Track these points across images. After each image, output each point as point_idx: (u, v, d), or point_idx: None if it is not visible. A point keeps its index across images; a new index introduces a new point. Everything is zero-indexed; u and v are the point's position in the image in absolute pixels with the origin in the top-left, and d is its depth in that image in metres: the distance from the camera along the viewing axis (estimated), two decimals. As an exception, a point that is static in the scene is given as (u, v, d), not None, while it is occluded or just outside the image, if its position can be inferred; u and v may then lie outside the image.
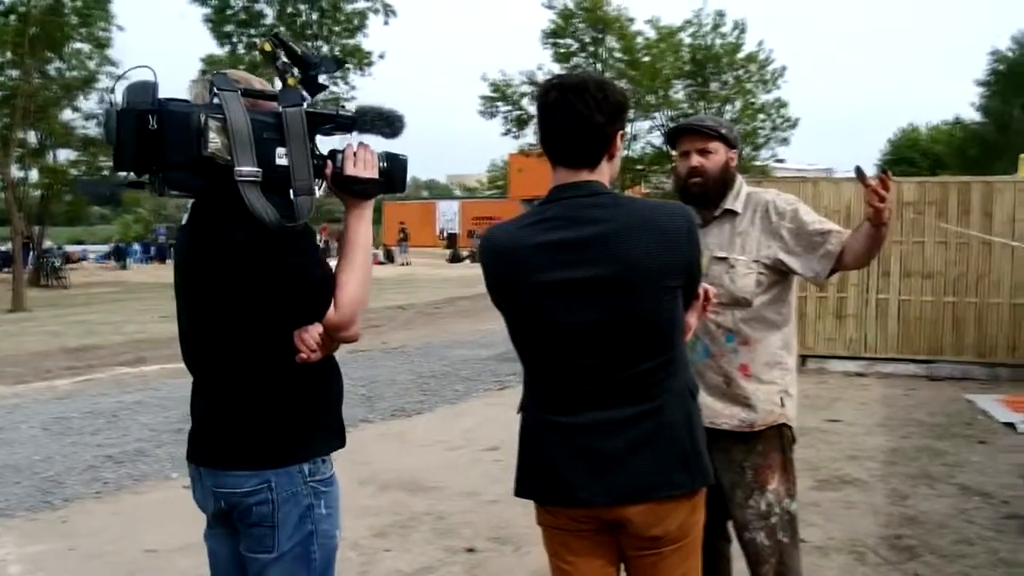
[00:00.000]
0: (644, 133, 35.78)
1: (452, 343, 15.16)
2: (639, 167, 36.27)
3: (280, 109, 2.44)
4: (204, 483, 2.58)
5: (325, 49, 31.47)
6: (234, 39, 32.27)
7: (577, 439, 2.46)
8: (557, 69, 35.69)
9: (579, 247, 2.40)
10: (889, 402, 9.79)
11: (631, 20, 34.94)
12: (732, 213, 3.40)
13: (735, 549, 3.61)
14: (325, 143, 2.62)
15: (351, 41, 32.66)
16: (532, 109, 34.50)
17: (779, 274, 3.39)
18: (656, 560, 2.52)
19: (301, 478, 2.52)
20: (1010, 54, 33.66)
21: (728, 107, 34.52)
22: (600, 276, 2.39)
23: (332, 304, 2.51)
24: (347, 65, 31.31)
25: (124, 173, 2.41)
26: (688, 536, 2.55)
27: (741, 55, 33.93)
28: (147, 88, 2.38)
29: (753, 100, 34.48)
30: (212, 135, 2.34)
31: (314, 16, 31.91)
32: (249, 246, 2.40)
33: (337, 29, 32.53)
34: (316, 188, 2.51)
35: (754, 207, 3.41)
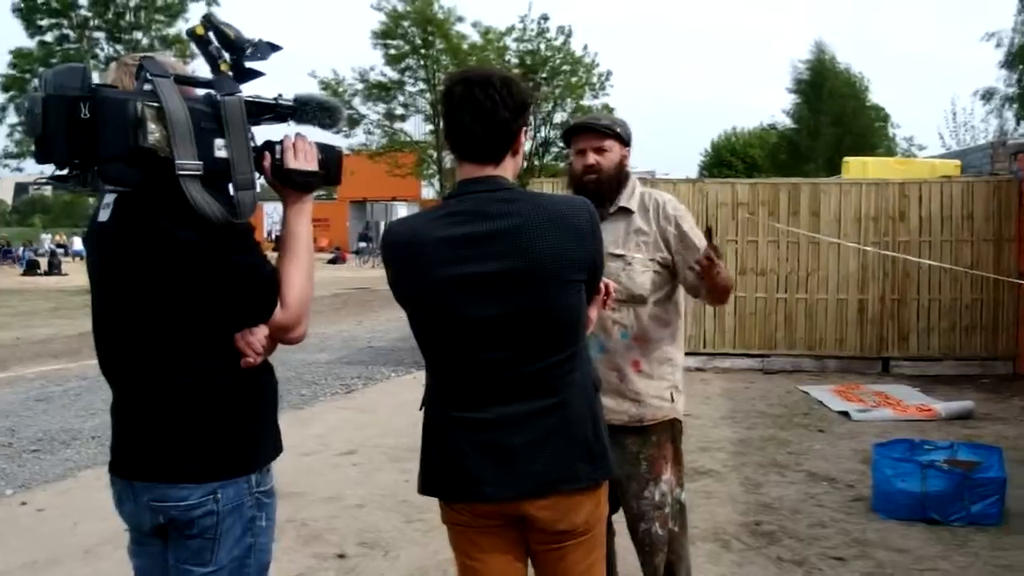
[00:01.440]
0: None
1: (289, 348, 14.75)
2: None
3: (216, 97, 2.28)
4: (139, 498, 2.38)
5: (145, 40, 30.13)
6: (44, 30, 30.43)
7: (482, 434, 2.42)
8: (389, 71, 35.48)
9: (484, 241, 2.36)
10: (731, 395, 10.14)
11: (460, 19, 35.09)
12: (626, 211, 3.43)
13: (620, 544, 3.64)
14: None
15: (172, 30, 31.30)
16: (363, 109, 34.17)
17: (670, 273, 3.45)
18: (563, 554, 2.50)
19: (247, 488, 2.40)
20: (811, 62, 35.45)
21: (558, 110, 35.07)
22: (505, 270, 2.35)
23: (279, 303, 2.38)
24: (280, 49, 30.33)
25: (48, 166, 2.20)
26: (593, 529, 2.54)
27: (559, 58, 34.40)
28: (76, 73, 2.17)
29: (582, 103, 35.11)
30: (151, 125, 2.15)
31: (131, 2, 30.32)
32: (192, 245, 2.24)
33: (159, 18, 31.09)
34: (256, 182, 2.36)
35: (648, 206, 3.45)
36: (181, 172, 2.18)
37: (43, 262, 40.00)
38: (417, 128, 37.97)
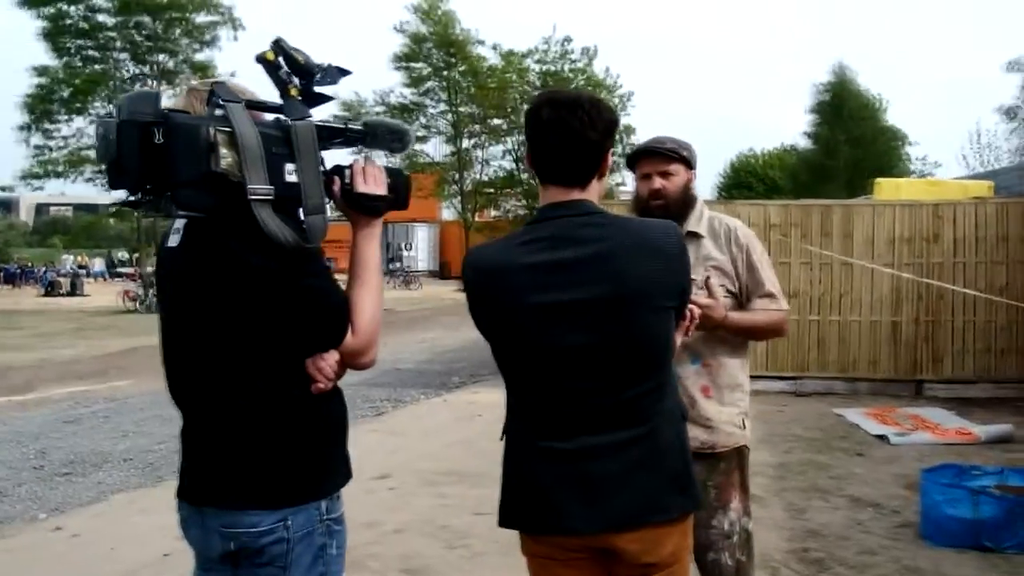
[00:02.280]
0: (495, 157, 36.07)
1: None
2: (489, 191, 36.45)
3: (286, 122, 2.26)
4: (207, 524, 2.34)
5: (171, 63, 30.38)
6: (71, 51, 30.73)
7: (568, 465, 2.34)
8: (408, 93, 35.65)
9: (573, 268, 2.30)
10: (765, 418, 10.01)
11: (481, 42, 35.31)
12: (695, 235, 3.35)
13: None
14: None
15: (200, 56, 31.63)
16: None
17: (738, 301, 3.37)
18: None
19: (318, 516, 2.35)
20: (831, 84, 35.40)
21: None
22: (595, 297, 2.29)
23: (350, 329, 2.35)
24: (350, 73, 30.87)
25: (122, 191, 2.18)
26: (679, 561, 2.46)
27: (582, 79, 34.47)
28: (149, 98, 2.16)
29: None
30: (223, 150, 2.13)
31: (159, 27, 30.62)
32: (264, 270, 2.21)
33: (186, 41, 31.40)
34: (328, 207, 2.33)
35: (719, 232, 3.38)
36: (253, 197, 2.16)
37: (65, 283, 40.24)
38: (437, 150, 38.13)
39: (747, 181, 45.05)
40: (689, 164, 3.34)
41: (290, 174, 2.24)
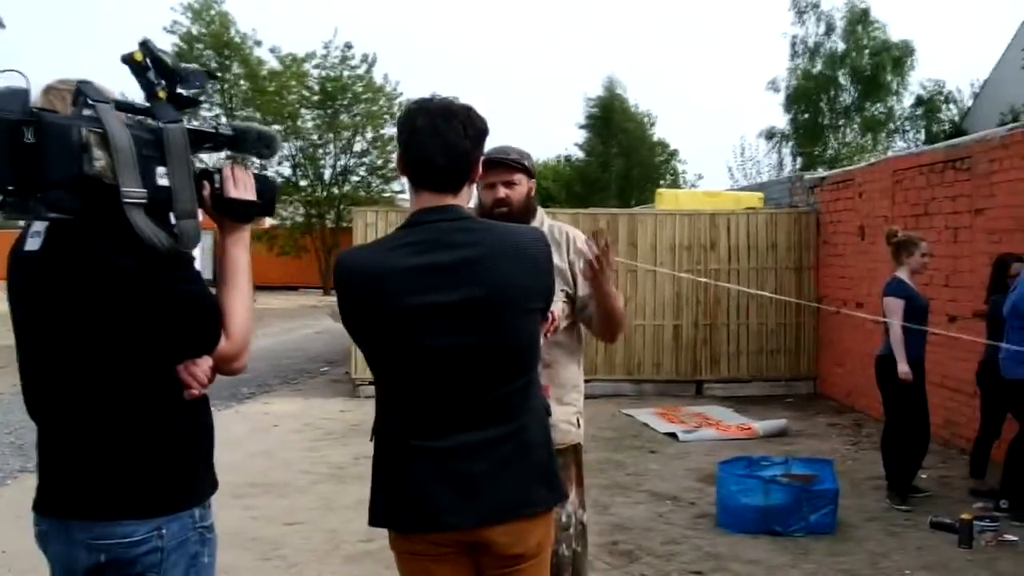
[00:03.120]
0: (271, 163, 35.25)
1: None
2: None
3: (156, 124, 2.20)
4: (73, 536, 2.23)
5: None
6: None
7: (443, 463, 2.40)
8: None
9: (448, 271, 2.36)
10: (561, 420, 10.33)
11: (258, 43, 34.47)
12: None
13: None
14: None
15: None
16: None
17: (573, 304, 3.51)
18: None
19: (191, 523, 2.30)
20: (602, 96, 36.87)
21: (358, 137, 34.91)
22: (468, 299, 2.35)
23: (223, 334, 2.31)
24: (217, 78, 28.62)
25: None
26: (544, 552, 2.57)
27: (361, 86, 34.26)
28: (18, 96, 2.04)
29: (383, 132, 35.05)
30: (96, 151, 2.05)
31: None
32: (135, 274, 2.15)
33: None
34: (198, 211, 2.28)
35: (559, 240, 3.48)
36: (127, 200, 2.09)
37: None
38: (211, 155, 36.81)
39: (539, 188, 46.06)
40: (530, 174, 3.46)
41: (161, 177, 2.18)
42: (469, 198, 2.53)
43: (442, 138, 2.39)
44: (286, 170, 34.31)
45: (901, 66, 30.63)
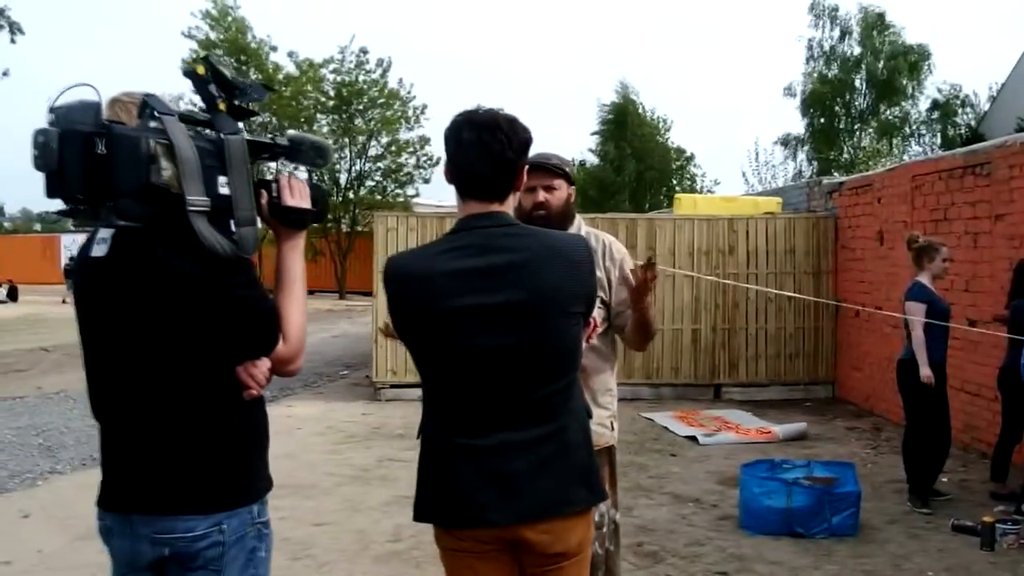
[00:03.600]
0: (289, 168, 35.43)
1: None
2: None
3: (217, 135, 2.31)
4: (137, 531, 2.34)
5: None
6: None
7: (485, 461, 2.49)
8: (199, 100, 34.51)
9: (493, 274, 2.45)
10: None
11: (274, 48, 34.71)
12: None
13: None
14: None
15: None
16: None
17: (609, 310, 3.59)
18: (556, 574, 2.59)
19: (250, 519, 2.41)
20: (616, 102, 36.90)
21: (373, 142, 35.07)
22: (512, 302, 2.45)
23: (280, 337, 2.42)
24: (274, 91, 29.32)
25: (58, 200, 2.18)
26: (585, 551, 2.65)
27: (376, 90, 34.42)
28: (89, 108, 2.17)
29: (398, 137, 35.24)
30: (163, 162, 2.17)
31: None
32: (199, 280, 2.27)
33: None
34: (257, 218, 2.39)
35: (595, 246, 3.56)
36: (191, 208, 2.21)
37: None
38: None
39: (538, 196, 46.08)
40: (570, 180, 3.55)
41: (222, 186, 2.29)
42: (514, 205, 2.61)
43: (488, 149, 2.49)
44: (302, 174, 34.49)
45: (917, 70, 30.70)
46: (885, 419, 10.26)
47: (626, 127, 35.87)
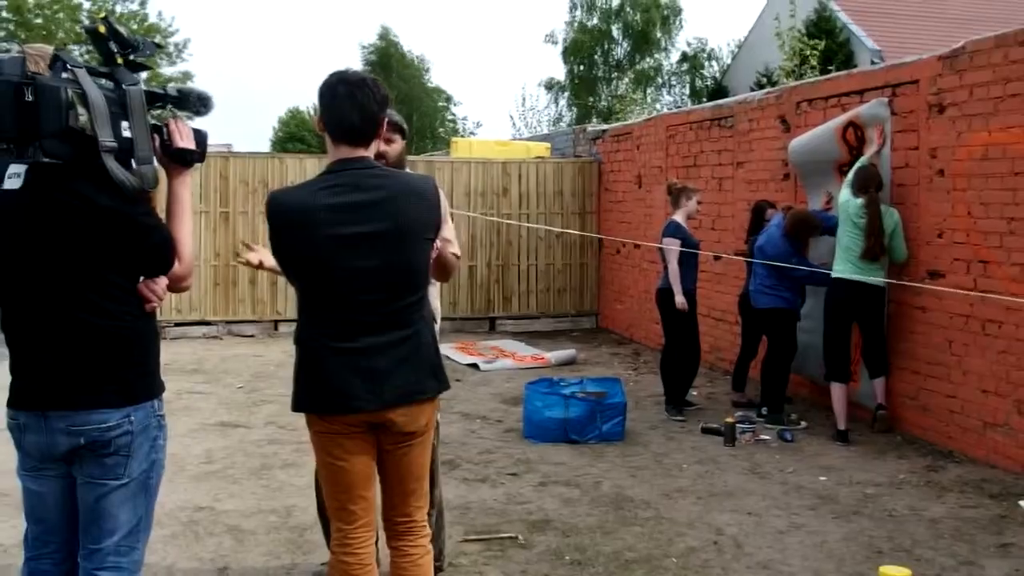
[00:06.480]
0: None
1: None
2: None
3: (121, 86, 2.72)
4: (53, 425, 2.75)
5: None
6: None
7: (355, 359, 3.06)
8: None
9: (363, 208, 3.01)
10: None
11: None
12: None
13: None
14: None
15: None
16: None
17: None
18: (407, 451, 3.22)
19: (152, 412, 2.87)
20: (377, 47, 37.09)
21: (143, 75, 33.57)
22: (379, 231, 3.01)
23: (176, 259, 2.87)
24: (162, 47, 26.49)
25: None
26: (429, 431, 3.30)
27: (135, 23, 33.00)
28: (16, 62, 2.56)
29: (159, 72, 33.90)
30: (79, 108, 2.58)
31: None
32: (111, 209, 2.68)
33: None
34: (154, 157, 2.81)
35: None
36: (103, 148, 2.64)
37: None
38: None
39: (300, 135, 45.51)
40: (404, 135, 4.11)
41: (125, 130, 2.72)
42: (374, 150, 3.16)
43: (358, 102, 3.03)
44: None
45: (669, 24, 32.57)
46: (643, 346, 11.45)
47: (390, 69, 36.13)
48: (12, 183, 2.71)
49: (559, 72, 35.67)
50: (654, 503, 5.64)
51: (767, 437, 7.10)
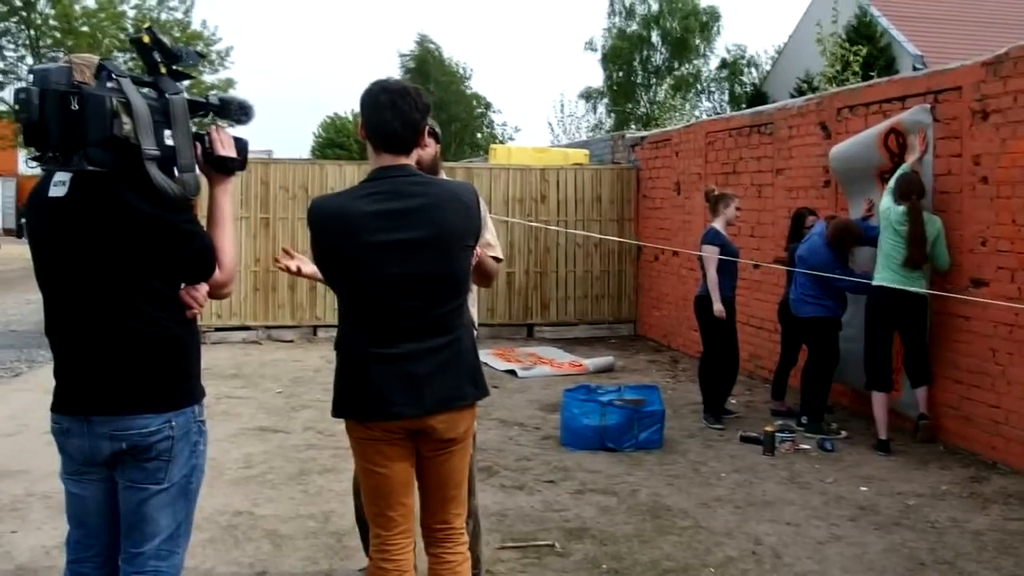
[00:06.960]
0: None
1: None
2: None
3: (164, 95, 2.77)
4: (96, 430, 2.79)
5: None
6: None
7: (396, 366, 3.07)
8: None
9: (404, 215, 3.03)
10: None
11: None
12: None
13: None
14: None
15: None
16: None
17: None
18: (447, 458, 3.23)
19: (193, 417, 2.90)
20: (415, 54, 37.30)
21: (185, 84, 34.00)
22: (420, 238, 3.03)
23: (217, 266, 2.91)
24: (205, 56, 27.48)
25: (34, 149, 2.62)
26: (469, 438, 3.31)
27: (178, 30, 33.41)
28: (64, 71, 2.61)
29: (201, 80, 34.29)
30: (123, 117, 2.62)
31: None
32: (153, 216, 2.72)
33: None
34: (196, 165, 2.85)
35: None
36: (146, 156, 2.68)
37: None
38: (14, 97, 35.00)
39: (340, 141, 45.86)
40: (438, 139, 4.13)
41: (168, 138, 2.77)
42: (416, 158, 3.18)
43: (400, 111, 3.05)
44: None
45: (708, 30, 32.46)
46: (681, 353, 11.40)
47: (428, 76, 36.30)
48: (58, 191, 2.77)
49: (598, 79, 35.71)
50: (692, 512, 5.61)
51: (807, 446, 7.04)
